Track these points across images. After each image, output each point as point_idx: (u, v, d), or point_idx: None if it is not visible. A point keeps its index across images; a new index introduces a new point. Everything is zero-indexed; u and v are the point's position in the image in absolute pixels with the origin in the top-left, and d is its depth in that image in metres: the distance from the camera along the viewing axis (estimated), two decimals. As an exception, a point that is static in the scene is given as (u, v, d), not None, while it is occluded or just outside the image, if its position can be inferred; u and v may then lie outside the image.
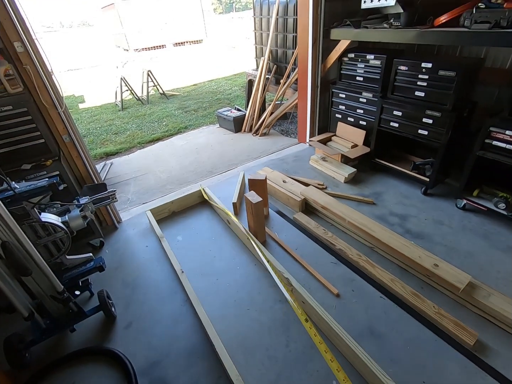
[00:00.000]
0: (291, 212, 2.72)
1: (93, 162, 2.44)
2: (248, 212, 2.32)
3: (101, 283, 2.17)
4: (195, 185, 3.31)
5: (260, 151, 4.02)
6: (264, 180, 2.45)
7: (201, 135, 4.86)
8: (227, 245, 2.41)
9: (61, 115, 2.07)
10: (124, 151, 4.60)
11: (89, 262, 1.92)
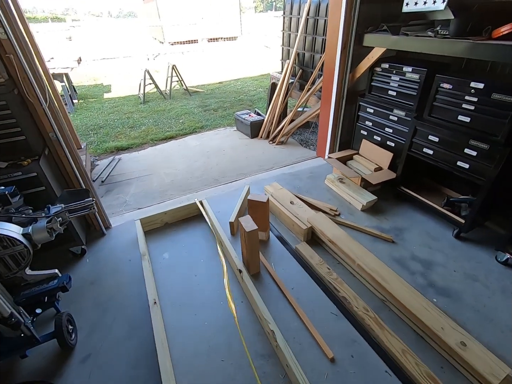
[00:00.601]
0: (294, 240, 2.38)
1: (82, 163, 2.24)
2: (242, 238, 2.01)
3: (71, 299, 1.97)
4: (197, 194, 3.06)
5: (273, 162, 3.69)
6: (266, 202, 2.13)
7: (216, 137, 4.62)
8: (216, 272, 2.12)
9: (45, 111, 1.88)
10: (136, 147, 4.46)
11: (53, 279, 1.71)
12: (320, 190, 2.99)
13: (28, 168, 1.83)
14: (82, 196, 1.93)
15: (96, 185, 3.43)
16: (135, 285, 2.05)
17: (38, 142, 1.98)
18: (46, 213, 1.68)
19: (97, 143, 4.59)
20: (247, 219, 1.94)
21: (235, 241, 2.40)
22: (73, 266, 2.23)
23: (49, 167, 2.00)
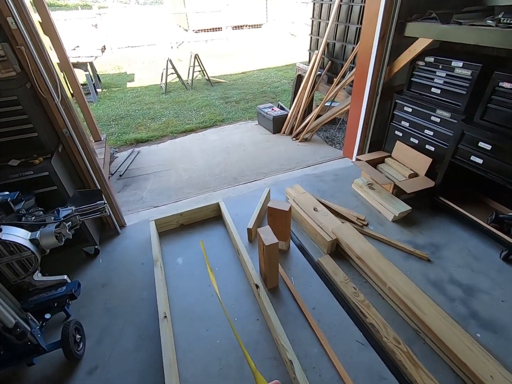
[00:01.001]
0: (316, 252, 2.19)
1: (97, 161, 2.15)
2: (260, 250, 1.85)
3: (82, 303, 1.91)
4: (214, 194, 2.92)
5: (296, 161, 3.48)
6: (288, 211, 1.95)
7: (236, 132, 4.44)
8: (232, 283, 1.99)
9: (58, 106, 1.78)
10: (155, 139, 4.38)
11: (62, 285, 1.64)
12: (346, 195, 2.75)
13: (39, 167, 1.75)
14: (95, 197, 1.84)
15: (114, 179, 3.38)
16: (147, 291, 1.96)
17: (51, 138, 1.89)
18: (56, 216, 1.59)
19: (117, 134, 4.55)
20: (267, 230, 1.77)
21: (252, 248, 2.24)
22: (86, 266, 2.17)
23: (62, 166, 1.92)
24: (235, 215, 2.57)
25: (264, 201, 2.55)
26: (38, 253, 1.49)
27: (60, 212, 1.62)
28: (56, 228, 1.54)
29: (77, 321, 1.66)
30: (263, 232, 1.76)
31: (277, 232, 1.81)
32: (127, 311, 1.84)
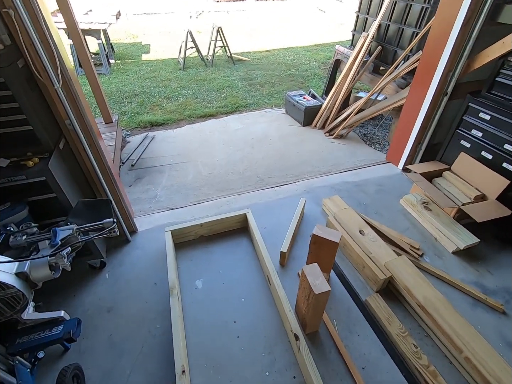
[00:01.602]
0: (363, 287, 1.82)
1: (106, 159, 1.77)
2: (302, 292, 1.49)
3: (83, 332, 1.60)
4: (238, 198, 2.54)
5: (331, 163, 3.04)
6: (337, 243, 1.56)
7: (261, 121, 3.97)
8: (262, 321, 1.65)
9: (58, 93, 1.38)
10: (171, 123, 3.96)
11: (58, 324, 1.32)
12: (393, 213, 2.34)
13: (34, 170, 1.38)
14: (102, 209, 1.48)
15: (125, 169, 3.02)
16: (160, 323, 1.64)
17: (51, 132, 1.51)
18: (51, 240, 1.24)
19: (130, 114, 4.14)
20: (315, 271, 1.40)
21: (285, 274, 1.89)
22: (90, 282, 1.86)
23: (64, 167, 1.55)
24: (263, 228, 2.20)
25: (299, 216, 2.16)
26: (27, 289, 1.16)
27: (58, 233, 1.27)
28: (50, 257, 1.19)
29: (77, 365, 1.35)
30: (311, 273, 1.39)
31: (319, 262, 1.45)
32: (136, 349, 1.53)
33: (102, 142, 1.81)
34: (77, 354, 1.51)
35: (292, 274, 1.89)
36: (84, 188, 1.81)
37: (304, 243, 2.08)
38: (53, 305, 1.71)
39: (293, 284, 1.82)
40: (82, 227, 1.35)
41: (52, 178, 1.41)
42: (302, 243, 2.09)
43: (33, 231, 1.35)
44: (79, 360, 1.48)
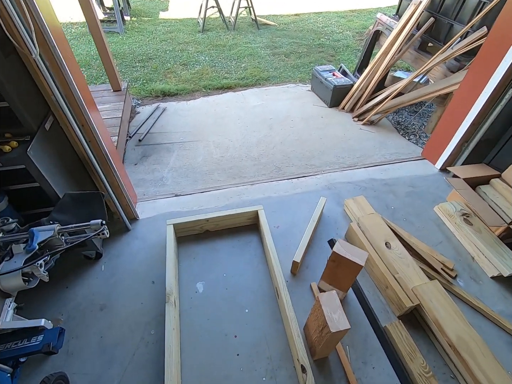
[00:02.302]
0: (383, 309, 1.60)
1: (102, 144, 1.54)
2: (313, 318, 1.29)
3: (73, 330, 1.49)
4: (251, 189, 2.30)
5: (358, 154, 2.70)
6: (362, 266, 1.32)
7: (283, 97, 3.59)
8: (266, 338, 1.48)
9: (37, 63, 1.12)
10: (185, 94, 3.64)
11: (38, 333, 1.18)
12: (425, 222, 2.05)
13: (11, 157, 1.17)
14: (92, 204, 1.29)
15: (132, 144, 2.79)
16: (154, 326, 1.51)
17: (34, 109, 1.28)
18: (28, 245, 1.06)
19: (142, 81, 3.83)
20: (333, 301, 1.18)
21: (296, 284, 1.69)
22: (84, 273, 1.72)
23: (49, 152, 1.33)
24: (275, 227, 1.98)
25: (318, 218, 1.91)
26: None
27: (36, 236, 1.08)
28: (24, 265, 1.02)
29: (61, 374, 1.24)
30: (328, 303, 1.17)
31: (336, 280, 1.26)
32: (127, 357, 1.41)
33: (98, 120, 1.57)
34: (65, 355, 1.41)
35: (304, 286, 1.69)
36: (80, 174, 1.61)
37: (319, 250, 1.86)
38: (44, 296, 1.60)
39: (304, 297, 1.63)
40: (65, 228, 1.16)
41: (33, 166, 1.20)
42: (317, 249, 1.86)
43: (11, 227, 1.18)
44: (66, 362, 1.38)
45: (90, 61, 4.24)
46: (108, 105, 2.84)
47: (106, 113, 2.71)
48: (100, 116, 1.66)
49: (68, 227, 1.15)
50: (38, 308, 1.57)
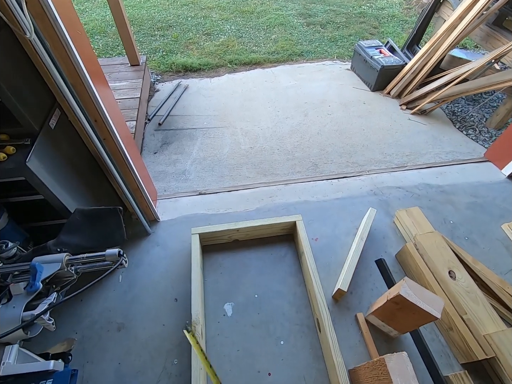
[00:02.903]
0: (443, 352, 1.36)
1: (120, 144, 1.27)
2: (368, 377, 1.06)
3: (89, 353, 1.33)
4: (285, 190, 2.01)
5: (408, 151, 2.34)
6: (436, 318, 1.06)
7: (319, 77, 3.16)
8: (304, 378, 1.28)
9: (34, 46, 0.84)
10: (208, 70, 3.27)
11: (48, 377, 1.00)
12: (490, 242, 1.74)
13: (6, 168, 0.92)
14: (108, 222, 1.06)
15: (151, 128, 2.52)
16: (178, 354, 1.33)
17: (35, 104, 1.01)
18: (30, 285, 0.85)
19: (162, 52, 3.46)
20: (404, 368, 0.94)
21: (339, 312, 1.46)
22: (100, 285, 1.54)
23: (55, 157, 1.08)
24: (313, 239, 1.73)
25: (365, 236, 1.63)
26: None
27: (38, 271, 0.87)
28: (24, 313, 0.81)
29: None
30: (398, 371, 0.94)
31: (394, 322, 1.02)
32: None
33: (114, 111, 1.30)
34: (80, 382, 1.26)
35: (348, 316, 1.45)
36: (94, 176, 1.37)
37: (365, 270, 1.60)
38: (56, 311, 1.43)
39: (348, 330, 1.40)
40: (74, 260, 0.94)
41: (35, 178, 0.96)
42: (362, 270, 1.60)
43: (11, 253, 0.96)
44: (81, 391, 1.24)
45: (106, 28, 3.86)
46: (125, 82, 2.53)
47: (123, 93, 2.42)
48: (117, 107, 1.38)
49: (79, 258, 0.94)
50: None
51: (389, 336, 1.38)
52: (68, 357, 1.18)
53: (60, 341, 1.35)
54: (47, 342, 1.35)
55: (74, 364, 1.29)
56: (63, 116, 1.13)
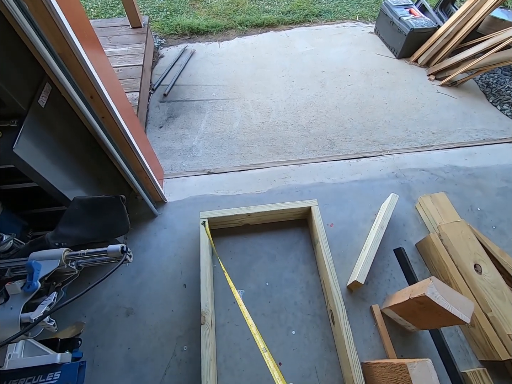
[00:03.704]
0: (461, 348, 1.31)
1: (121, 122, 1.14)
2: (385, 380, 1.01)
3: (98, 337, 1.33)
4: (299, 171, 1.88)
5: (435, 128, 2.14)
6: (465, 323, 0.98)
7: (338, 42, 2.86)
8: (316, 369, 1.26)
9: (6, 6, 0.68)
10: (217, 32, 2.99)
11: (54, 369, 0.98)
12: (522, 233, 1.61)
13: (-10, 156, 0.82)
14: (110, 212, 0.97)
15: (156, 99, 2.35)
16: (187, 341, 1.31)
17: (21, 78, 0.87)
18: (27, 284, 0.78)
19: (166, 12, 3.16)
20: (428, 378, 0.87)
21: (353, 303, 1.40)
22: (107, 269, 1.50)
23: (48, 139, 0.96)
24: (328, 225, 1.63)
25: (386, 225, 1.52)
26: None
27: (35, 270, 0.80)
28: (22, 315, 0.75)
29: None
30: (420, 379, 0.87)
31: (414, 319, 0.97)
32: (157, 376, 1.24)
33: (113, 83, 1.15)
34: (91, 366, 1.26)
35: (363, 307, 1.40)
36: (95, 157, 1.26)
37: (382, 260, 1.52)
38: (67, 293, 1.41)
39: (363, 322, 1.36)
40: (75, 256, 0.86)
41: (24, 165, 0.85)
42: (380, 259, 1.51)
43: (7, 247, 0.89)
44: (93, 375, 1.24)
45: (104, -17, 3.51)
46: (126, 47, 2.32)
47: (124, 59, 2.22)
48: (115, 78, 1.23)
49: (79, 254, 0.86)
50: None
51: (405, 329, 1.32)
52: (77, 342, 1.17)
53: (70, 325, 1.35)
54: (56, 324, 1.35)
55: (84, 347, 1.29)
56: (55, 91, 0.99)
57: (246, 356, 1.29)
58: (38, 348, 0.99)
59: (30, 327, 0.72)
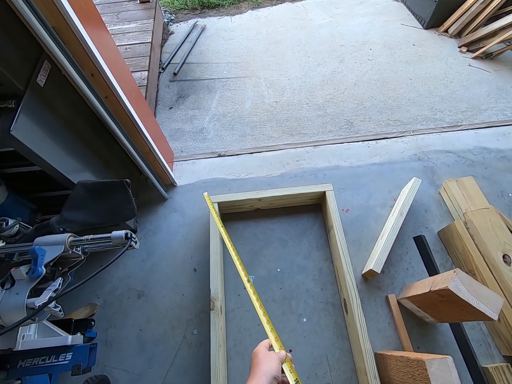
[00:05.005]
0: (483, 342, 1.24)
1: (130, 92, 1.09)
2: (400, 376, 0.96)
3: (111, 318, 1.35)
4: (313, 154, 1.79)
5: (465, 106, 1.96)
6: (492, 319, 0.90)
7: (360, 12, 2.64)
8: (327, 357, 1.23)
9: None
10: (229, 5, 2.83)
11: (67, 350, 1.00)
12: (558, 221, 1.47)
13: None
14: (115, 196, 0.94)
15: (166, 78, 2.27)
16: (198, 325, 1.31)
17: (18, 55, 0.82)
18: (32, 270, 0.77)
19: (175, -15, 3.00)
20: (448, 377, 0.82)
21: (367, 292, 1.35)
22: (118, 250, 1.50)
23: (48, 120, 0.92)
24: (343, 210, 1.55)
25: (406, 212, 1.42)
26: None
27: (39, 256, 0.78)
28: (28, 300, 0.75)
29: (103, 377, 1.12)
30: (440, 378, 0.82)
31: (433, 311, 0.93)
32: (168, 358, 1.26)
33: (116, 61, 1.09)
34: (104, 346, 1.29)
35: (378, 296, 1.34)
36: (101, 138, 1.22)
37: (400, 247, 1.44)
38: (78, 274, 1.44)
39: (377, 311, 1.31)
40: (79, 241, 0.84)
41: (24, 148, 0.82)
42: (398, 246, 1.44)
43: (13, 231, 0.88)
44: (106, 354, 1.28)
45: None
46: (134, 24, 2.23)
47: (132, 36, 2.14)
48: (119, 55, 1.17)
49: (83, 240, 0.84)
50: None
51: (423, 320, 1.26)
52: (91, 323, 1.19)
53: (83, 305, 1.38)
54: (70, 304, 1.38)
55: (97, 327, 1.31)
56: (54, 70, 0.94)
57: (257, 342, 1.26)
58: (51, 329, 1.01)
59: (34, 313, 0.71)
